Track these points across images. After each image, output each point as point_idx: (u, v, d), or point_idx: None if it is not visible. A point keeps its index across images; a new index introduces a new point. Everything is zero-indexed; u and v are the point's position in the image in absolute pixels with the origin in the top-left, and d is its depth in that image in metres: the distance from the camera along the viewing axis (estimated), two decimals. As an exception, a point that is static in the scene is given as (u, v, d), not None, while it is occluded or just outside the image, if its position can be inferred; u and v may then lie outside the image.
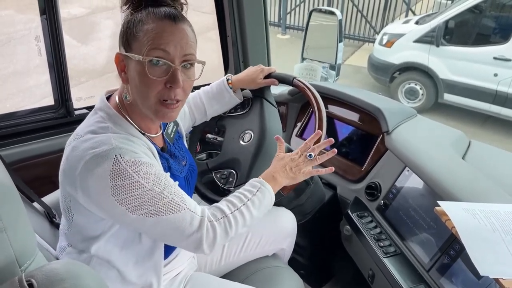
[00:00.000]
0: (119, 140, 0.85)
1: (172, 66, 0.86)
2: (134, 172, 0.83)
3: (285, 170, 1.06)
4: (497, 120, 4.77)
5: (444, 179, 1.15)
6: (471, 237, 0.85)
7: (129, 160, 0.83)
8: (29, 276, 0.56)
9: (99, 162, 0.82)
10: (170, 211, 0.87)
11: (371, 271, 1.28)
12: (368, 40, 7.49)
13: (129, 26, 0.88)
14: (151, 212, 0.85)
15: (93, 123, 0.91)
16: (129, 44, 0.88)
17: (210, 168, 1.34)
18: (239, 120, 1.38)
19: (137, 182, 0.84)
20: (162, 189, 0.86)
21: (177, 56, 0.87)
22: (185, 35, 0.88)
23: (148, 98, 0.88)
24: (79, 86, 2.42)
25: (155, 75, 0.86)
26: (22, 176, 1.28)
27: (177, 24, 0.87)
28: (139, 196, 0.84)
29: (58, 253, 1.02)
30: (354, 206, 1.42)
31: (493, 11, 4.85)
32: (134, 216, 0.85)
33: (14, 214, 0.66)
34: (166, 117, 0.92)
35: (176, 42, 0.86)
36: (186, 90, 0.92)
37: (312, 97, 1.26)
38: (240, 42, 1.95)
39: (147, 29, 0.85)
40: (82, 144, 0.86)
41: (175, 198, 0.88)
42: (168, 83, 0.87)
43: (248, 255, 1.32)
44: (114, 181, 0.82)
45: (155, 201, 0.85)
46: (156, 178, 0.86)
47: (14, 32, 1.85)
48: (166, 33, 0.85)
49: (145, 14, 0.87)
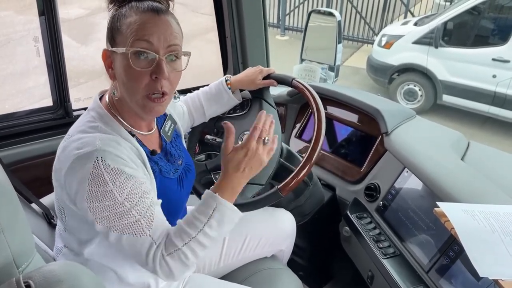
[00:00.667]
0: (104, 142, 0.84)
1: (156, 56, 0.85)
2: (111, 180, 0.81)
3: (240, 171, 0.91)
4: (496, 121, 4.77)
5: (443, 180, 1.15)
6: (470, 238, 0.85)
7: (109, 165, 0.81)
8: (27, 278, 0.56)
9: (81, 164, 0.82)
10: (131, 232, 0.83)
11: (370, 272, 1.28)
12: (367, 41, 7.50)
13: (114, 21, 0.88)
14: (115, 228, 0.83)
15: (84, 122, 0.91)
16: (114, 39, 0.88)
17: (209, 169, 1.33)
18: (238, 121, 1.37)
19: (110, 191, 0.81)
20: (132, 206, 0.82)
21: (161, 47, 0.86)
22: (169, 26, 0.87)
23: (135, 92, 0.87)
24: (78, 87, 2.42)
25: (140, 66, 0.85)
26: (20, 177, 1.28)
27: (160, 16, 0.87)
28: (108, 207, 0.82)
29: (55, 254, 1.02)
30: (353, 207, 1.42)
31: (492, 12, 4.86)
32: (100, 227, 0.84)
33: (12, 215, 0.65)
34: (154, 112, 0.91)
35: (159, 33, 0.85)
36: (172, 82, 0.90)
37: (311, 98, 1.26)
38: (239, 43, 1.95)
39: (130, 22, 0.85)
40: (71, 144, 0.86)
41: (142, 220, 0.83)
42: (153, 74, 0.86)
43: (247, 256, 1.32)
44: (90, 185, 0.81)
45: (121, 217, 0.82)
46: (130, 193, 0.83)
47: (13, 33, 1.85)
48: (149, 24, 0.85)
49: (128, 8, 0.87)
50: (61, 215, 0.95)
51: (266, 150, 0.93)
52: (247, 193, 1.19)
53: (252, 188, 1.21)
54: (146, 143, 0.99)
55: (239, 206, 1.16)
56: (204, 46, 2.65)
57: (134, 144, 0.91)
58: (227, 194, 0.90)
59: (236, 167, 0.91)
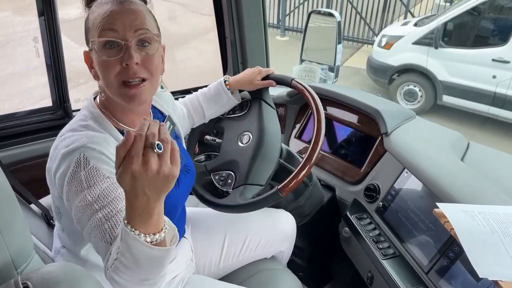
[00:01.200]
0: (91, 139, 0.83)
1: (123, 43, 0.84)
2: (86, 179, 0.79)
3: (139, 197, 0.64)
4: (495, 122, 4.77)
5: (443, 181, 1.14)
6: (470, 239, 0.84)
7: (88, 163, 0.80)
8: (25, 279, 0.56)
9: (66, 161, 0.82)
10: (96, 235, 0.77)
11: (370, 273, 1.28)
12: (367, 42, 7.50)
13: (85, 22, 0.90)
14: (86, 228, 0.80)
15: (75, 121, 0.91)
16: (87, 39, 0.89)
17: (208, 170, 1.33)
18: (238, 121, 1.37)
19: (82, 191, 0.79)
20: (100, 208, 0.78)
21: (128, 33, 0.84)
22: (134, 12, 0.86)
23: (110, 82, 0.87)
24: (78, 88, 2.42)
25: (109, 55, 0.85)
26: (20, 177, 1.28)
27: (123, 4, 0.86)
28: (80, 208, 0.79)
29: (53, 254, 1.02)
30: (353, 208, 1.42)
31: (492, 13, 4.86)
32: (78, 226, 0.82)
33: (10, 216, 0.65)
34: (136, 99, 0.88)
35: (123, 19, 0.84)
36: (148, 67, 0.88)
37: (311, 98, 1.26)
38: (239, 43, 1.95)
39: (95, 17, 0.86)
40: (61, 143, 0.86)
41: (106, 224, 0.77)
42: (123, 61, 0.85)
43: (246, 257, 1.31)
44: (69, 184, 0.81)
45: (89, 218, 0.79)
46: (102, 194, 0.79)
47: (13, 33, 1.85)
48: (113, 13, 0.85)
49: (94, 5, 0.89)
50: (58, 215, 0.95)
51: (164, 159, 0.63)
52: (247, 194, 1.19)
53: (251, 189, 1.21)
54: None
55: (239, 207, 1.17)
56: (204, 46, 2.64)
57: None
58: (137, 223, 0.67)
59: (132, 194, 0.64)
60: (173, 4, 3.26)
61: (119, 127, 0.94)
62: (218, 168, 1.31)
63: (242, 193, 1.19)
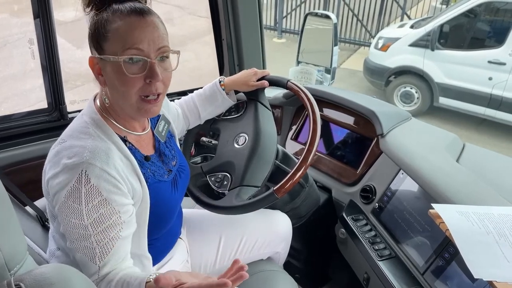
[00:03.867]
0: (93, 154, 0.84)
1: (148, 61, 0.85)
2: (85, 199, 0.82)
3: None
4: (491, 124, 4.79)
5: (438, 181, 1.15)
6: (465, 239, 0.85)
7: (89, 181, 0.82)
8: (18, 280, 0.55)
9: (66, 174, 0.82)
10: (84, 254, 0.84)
11: (366, 274, 1.28)
12: (364, 44, 7.52)
13: (97, 27, 0.87)
14: (72, 243, 0.85)
15: (77, 127, 0.91)
16: (101, 46, 0.87)
17: (204, 172, 1.33)
18: (234, 123, 1.37)
19: (80, 211, 0.82)
20: (93, 233, 0.83)
21: (152, 51, 0.85)
22: (156, 28, 0.86)
23: (129, 96, 0.88)
24: (75, 90, 2.41)
25: (133, 72, 0.85)
26: (15, 179, 1.28)
27: (145, 18, 0.85)
28: (73, 225, 0.83)
29: (48, 256, 1.02)
30: (349, 209, 1.42)
31: (488, 15, 4.88)
32: (65, 235, 0.86)
33: (4, 218, 0.65)
34: (150, 112, 0.91)
35: (148, 38, 0.85)
36: (165, 83, 0.91)
37: (306, 99, 1.26)
38: (235, 45, 1.95)
39: (116, 28, 0.84)
40: (62, 151, 0.86)
41: (97, 249, 0.84)
42: (147, 78, 0.86)
43: (242, 258, 1.31)
44: (66, 197, 0.82)
45: (80, 238, 0.83)
46: (98, 219, 0.83)
47: (9, 35, 1.85)
48: (137, 30, 0.84)
49: (111, 13, 0.86)
50: (52, 217, 0.95)
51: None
52: (243, 195, 1.19)
53: (248, 190, 1.21)
54: (139, 145, 0.99)
55: (235, 208, 1.17)
56: (201, 48, 2.65)
57: (125, 153, 0.91)
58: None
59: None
60: (171, 6, 3.26)
61: (121, 133, 0.94)
62: (214, 170, 1.31)
63: (238, 195, 1.19)
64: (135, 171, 0.91)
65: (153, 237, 1.03)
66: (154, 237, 1.04)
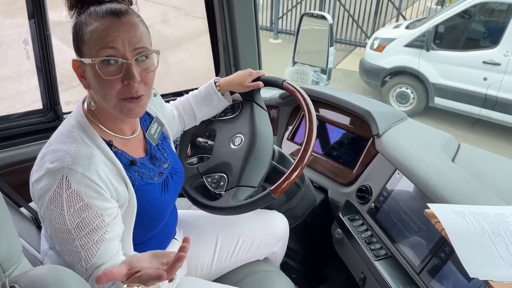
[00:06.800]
0: (74, 159, 0.83)
1: (124, 62, 0.84)
2: (67, 204, 0.81)
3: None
4: (486, 124, 4.82)
5: (434, 181, 1.15)
6: (460, 239, 0.85)
7: (70, 187, 0.81)
8: (13, 282, 0.55)
9: (48, 179, 0.82)
10: (70, 256, 0.85)
11: (363, 274, 1.28)
12: (360, 44, 7.54)
13: (76, 30, 0.86)
14: (58, 245, 0.86)
15: (63, 131, 0.91)
16: (80, 49, 0.86)
17: (200, 173, 1.33)
18: (229, 123, 1.37)
19: (63, 216, 0.82)
20: (77, 237, 0.83)
21: (128, 50, 0.84)
22: (132, 27, 0.84)
23: (110, 99, 0.87)
24: (70, 90, 2.40)
25: (109, 74, 0.84)
26: (9, 181, 1.27)
27: (120, 18, 0.83)
28: (57, 229, 0.83)
29: (41, 256, 1.01)
30: (345, 209, 1.42)
31: (483, 16, 4.91)
32: (52, 237, 0.87)
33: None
34: (133, 113, 0.89)
35: (123, 37, 0.83)
36: (147, 83, 0.89)
37: (302, 99, 1.26)
38: (231, 46, 1.95)
39: (91, 30, 0.83)
40: (47, 155, 0.86)
41: (82, 253, 0.84)
42: (124, 80, 0.85)
43: (239, 259, 1.31)
44: (49, 202, 0.82)
45: (64, 242, 0.84)
46: (81, 223, 0.83)
47: (4, 36, 1.84)
48: (111, 30, 0.82)
49: (88, 15, 0.85)
50: (42, 218, 0.94)
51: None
52: (239, 195, 1.19)
53: (244, 190, 1.20)
54: (127, 148, 0.98)
55: (232, 209, 1.16)
56: (197, 49, 2.64)
57: (109, 158, 0.90)
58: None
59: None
60: (167, 7, 3.26)
61: (107, 137, 0.93)
62: (210, 171, 1.31)
63: (235, 195, 1.19)
64: (120, 175, 0.90)
65: (146, 237, 1.03)
66: (147, 236, 1.03)
